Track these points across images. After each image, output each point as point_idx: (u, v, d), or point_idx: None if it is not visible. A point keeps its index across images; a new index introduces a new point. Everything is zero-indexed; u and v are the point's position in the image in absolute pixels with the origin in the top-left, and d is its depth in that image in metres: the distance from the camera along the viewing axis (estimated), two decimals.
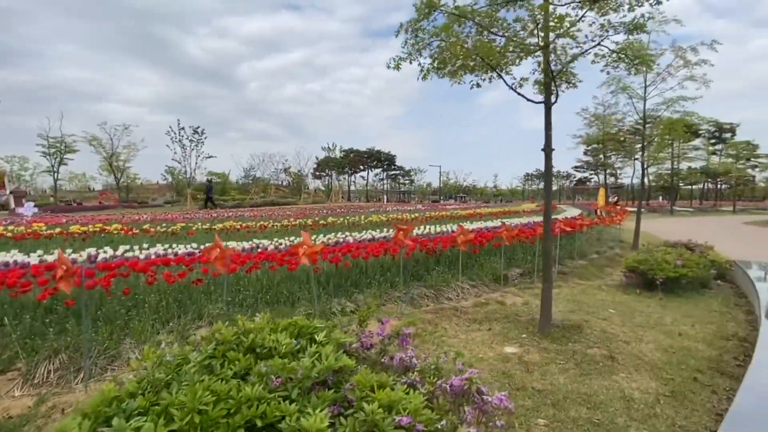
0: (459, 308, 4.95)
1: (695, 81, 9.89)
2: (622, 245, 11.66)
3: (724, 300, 5.72)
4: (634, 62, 4.28)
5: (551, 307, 4.07)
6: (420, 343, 3.77)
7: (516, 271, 7.10)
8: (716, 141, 47.57)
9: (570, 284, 6.42)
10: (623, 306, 5.23)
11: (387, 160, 69.68)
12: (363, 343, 2.65)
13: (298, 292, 4.91)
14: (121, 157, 32.18)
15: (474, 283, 6.33)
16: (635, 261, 6.24)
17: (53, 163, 27.12)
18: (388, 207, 26.40)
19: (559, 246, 8.96)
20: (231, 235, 9.92)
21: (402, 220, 14.28)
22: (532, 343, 3.77)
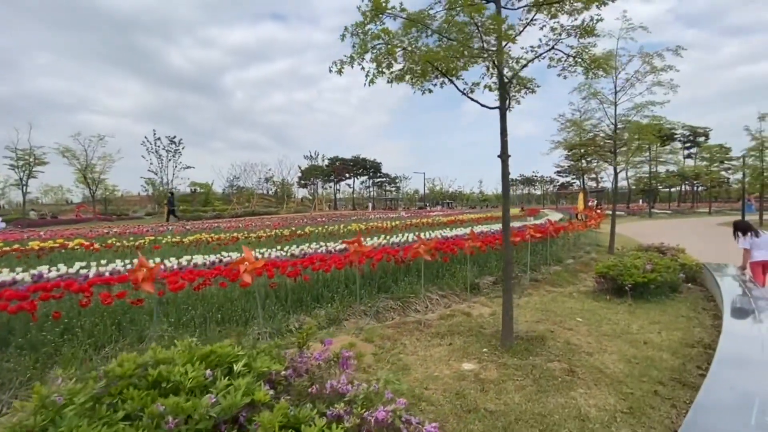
0: (423, 321, 4.76)
1: (663, 86, 10.06)
2: (599, 249, 11.70)
3: (693, 304, 5.68)
4: (591, 67, 4.22)
5: (512, 320, 3.92)
6: (375, 362, 3.57)
7: (488, 280, 6.97)
8: (691, 145, 49.01)
9: (541, 292, 6.31)
10: (591, 314, 5.12)
11: (373, 168, 69.71)
12: (296, 369, 2.44)
13: (254, 310, 4.67)
14: (96, 169, 31.30)
15: (444, 293, 6.18)
16: (605, 267, 6.18)
17: (22, 176, 26.16)
18: (371, 215, 26.21)
19: (533, 252, 8.92)
20: (200, 248, 9.58)
21: (381, 229, 14.12)
22: (492, 358, 3.60)
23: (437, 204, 73.62)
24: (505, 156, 3.84)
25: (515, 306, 5.31)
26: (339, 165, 64.22)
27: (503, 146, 3.86)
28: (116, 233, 13.07)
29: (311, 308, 4.97)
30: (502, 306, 3.92)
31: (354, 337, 4.13)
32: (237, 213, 28.92)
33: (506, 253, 3.91)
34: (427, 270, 6.60)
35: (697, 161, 42.31)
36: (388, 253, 6.10)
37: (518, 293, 6.23)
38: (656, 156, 30.73)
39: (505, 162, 3.85)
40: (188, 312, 4.22)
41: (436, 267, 6.69)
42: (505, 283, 3.94)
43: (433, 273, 6.56)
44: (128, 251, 9.08)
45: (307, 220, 20.44)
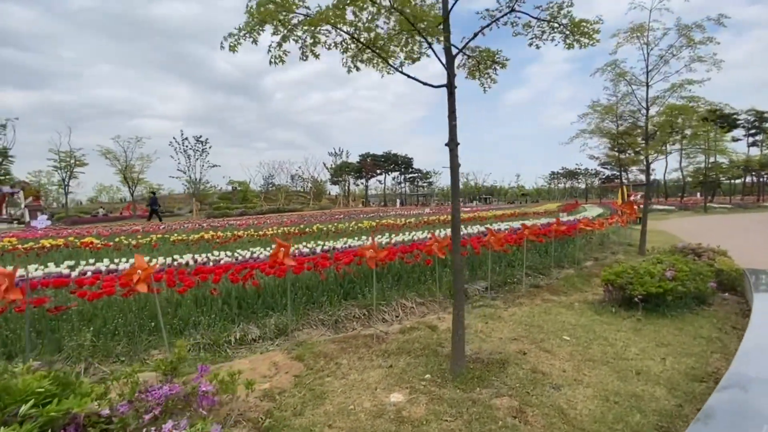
0: (380, 335, 4.19)
1: (704, 62, 8.68)
2: (630, 250, 10.44)
3: (722, 321, 4.67)
4: (572, 33, 3.44)
5: (464, 341, 3.26)
6: (292, 387, 3.07)
7: (480, 285, 6.24)
8: (756, 131, 43.91)
9: (536, 301, 5.50)
10: (585, 331, 4.30)
11: (404, 164, 68.87)
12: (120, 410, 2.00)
13: (198, 317, 4.32)
14: (135, 169, 33.14)
15: (423, 300, 5.55)
16: (614, 273, 5.26)
17: (64, 177, 28.26)
18: (392, 211, 25.66)
19: (544, 253, 8.02)
20: (191, 246, 9.52)
21: (392, 226, 13.57)
22: (429, 389, 2.98)
23: (473, 200, 71.49)
24: (453, 144, 3.18)
25: (497, 318, 4.61)
26: (369, 161, 64.02)
27: (451, 132, 3.19)
28: (125, 231, 13.48)
29: (262, 317, 4.55)
30: (452, 323, 3.27)
31: (286, 354, 3.65)
32: (262, 210, 29.46)
33: (455, 260, 3.25)
34: (411, 274, 6.01)
35: (764, 149, 37.70)
36: (360, 256, 5.55)
37: (509, 302, 5.48)
38: (713, 145, 27.60)
39: (454, 151, 3.19)
40: (114, 320, 3.93)
41: (419, 271, 6.06)
42: (455, 296, 3.28)
43: (415, 278, 5.94)
44: (126, 250, 9.19)
45: (325, 217, 20.26)
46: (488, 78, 4.01)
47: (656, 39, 9.16)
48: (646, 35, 9.18)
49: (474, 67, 3.94)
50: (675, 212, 29.43)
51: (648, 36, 9.21)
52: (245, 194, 59.94)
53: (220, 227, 14.40)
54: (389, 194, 72.27)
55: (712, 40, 8.12)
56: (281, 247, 3.72)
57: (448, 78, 3.18)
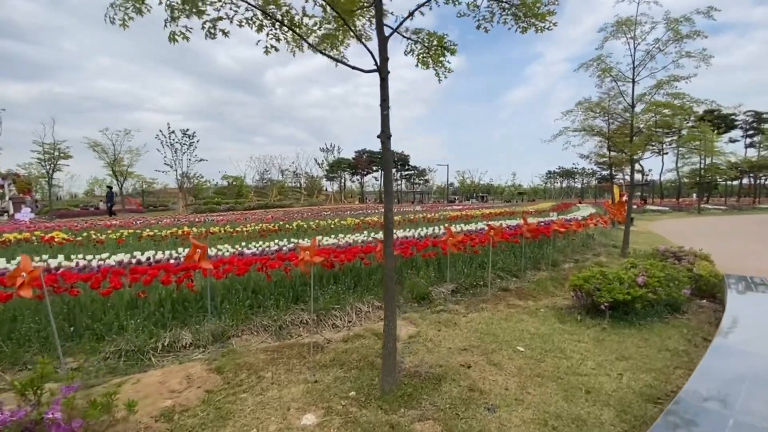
0: (320, 343, 3.88)
1: (693, 58, 8.35)
2: (613, 251, 10.13)
3: (694, 330, 4.36)
4: (526, 16, 3.12)
5: (395, 355, 2.94)
6: (200, 404, 2.75)
7: (447, 288, 5.92)
8: (755, 132, 43.65)
9: (499, 307, 5.19)
10: (543, 341, 3.99)
11: (401, 161, 68.44)
12: None
13: (126, 321, 3.99)
14: (123, 162, 32.66)
15: (383, 303, 5.22)
16: (582, 278, 4.94)
17: (48, 169, 27.77)
18: (380, 209, 25.30)
19: (521, 255, 7.71)
20: (160, 243, 9.17)
21: (375, 224, 13.24)
22: (348, 409, 2.66)
23: (470, 198, 71.09)
24: (384, 135, 2.85)
25: (452, 325, 4.30)
26: (364, 157, 63.61)
27: (384, 121, 2.86)
28: (100, 226, 13.12)
29: (197, 321, 4.23)
30: (384, 335, 2.95)
31: (206, 365, 3.33)
32: (251, 206, 29.05)
33: (386, 265, 2.92)
34: (371, 276, 5.69)
35: (761, 150, 37.46)
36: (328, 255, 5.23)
37: (471, 306, 5.16)
38: (706, 146, 27.28)
39: (386, 143, 2.86)
40: (26, 323, 3.61)
41: (381, 273, 5.74)
42: (385, 305, 2.96)
43: (376, 279, 5.62)
44: (90, 245, 8.84)
45: (312, 213, 19.92)
46: (442, 66, 3.68)
47: (644, 33, 8.84)
48: (633, 29, 8.85)
49: (424, 54, 3.61)
50: (668, 213, 29.19)
51: (635, 30, 8.88)
52: (240, 189, 59.53)
53: (198, 223, 14.04)
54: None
55: (700, 33, 7.79)
56: (197, 249, 3.39)
57: (380, 62, 2.84)
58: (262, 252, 6.32)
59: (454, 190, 77.99)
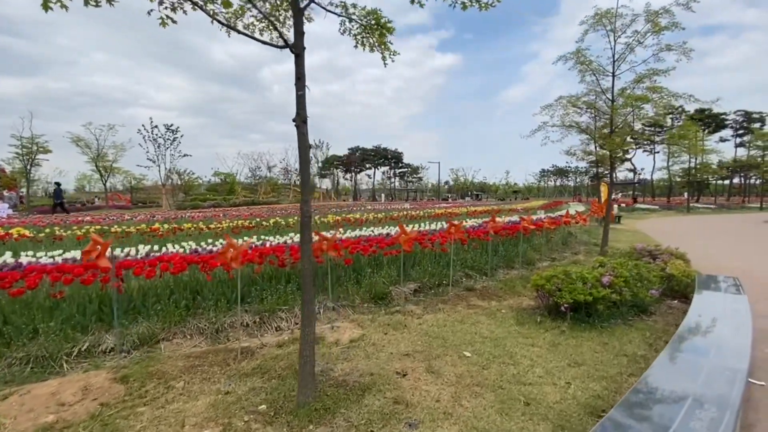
0: (251, 348, 3.58)
1: (672, 50, 8.11)
2: (594, 249, 9.91)
3: (658, 333, 4.12)
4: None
5: (313, 364, 2.65)
6: (87, 419, 2.44)
7: (409, 288, 5.64)
8: (744, 132, 43.79)
9: (458, 307, 4.92)
10: (494, 345, 3.72)
11: (394, 158, 68.18)
12: None
13: (43, 324, 3.66)
14: (108, 158, 32.03)
15: (340, 304, 4.95)
16: (543, 277, 4.68)
17: (26, 165, 27.13)
18: (370, 206, 25.03)
19: (494, 254, 7.46)
20: (122, 240, 8.81)
21: (354, 221, 12.95)
22: (251, 426, 2.37)
23: (465, 196, 70.96)
24: (299, 119, 2.55)
25: (402, 328, 4.03)
26: (358, 155, 63.24)
27: (299, 103, 2.56)
28: (71, 222, 12.71)
29: (126, 324, 3.91)
30: (300, 342, 2.66)
31: (112, 373, 3.02)
32: (236, 202, 28.61)
33: (303, 265, 2.62)
34: (327, 275, 5.39)
35: (751, 150, 37.57)
36: (275, 253, 4.93)
37: (429, 307, 4.89)
38: (696, 144, 27.24)
39: (301, 128, 2.56)
40: None
41: (339, 271, 5.45)
42: (303, 309, 2.66)
43: (333, 278, 5.32)
44: (48, 242, 8.47)
45: (295, 210, 19.55)
46: (387, 49, 3.39)
47: (624, 26, 8.59)
48: (614, 21, 8.60)
49: (362, 34, 3.30)
50: (658, 212, 29.14)
51: (615, 22, 8.63)
52: (232, 186, 58.97)
53: (173, 219, 13.66)
54: (379, 189, 71.68)
55: (678, 25, 7.54)
56: (96, 245, 3.07)
57: (294, 37, 2.53)
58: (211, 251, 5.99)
59: (449, 188, 77.89)
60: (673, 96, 7.73)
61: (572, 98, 9.52)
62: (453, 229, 5.24)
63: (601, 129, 13.41)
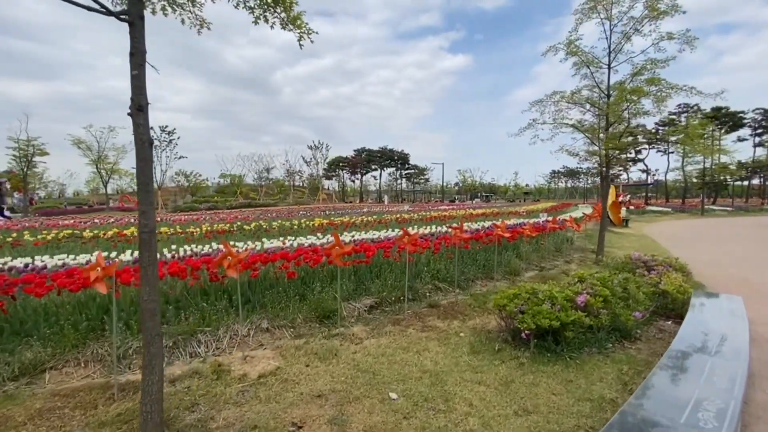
0: (134, 384, 3.01)
1: (674, 39, 7.35)
2: (590, 257, 9.14)
3: (638, 366, 3.43)
4: None
5: (158, 422, 2.06)
6: None
7: (365, 303, 5.03)
8: (763, 131, 41.97)
9: (409, 330, 4.28)
10: (432, 382, 3.08)
11: (401, 159, 67.47)
12: None
13: None
14: (109, 160, 32.13)
15: (283, 323, 4.35)
16: (506, 297, 4.01)
17: (23, 167, 27.30)
18: (366, 208, 24.47)
19: (472, 261, 6.80)
20: (82, 245, 8.39)
21: (339, 225, 12.38)
22: None
23: (474, 197, 69.76)
24: (135, 106, 1.97)
25: (329, 358, 3.44)
26: (363, 156, 62.78)
27: (135, 87, 1.98)
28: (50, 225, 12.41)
29: (11, 349, 3.39)
30: (141, 391, 2.08)
31: None
32: (232, 205, 28.36)
33: (144, 296, 2.03)
34: (273, 289, 4.81)
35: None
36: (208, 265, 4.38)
37: (377, 329, 4.27)
38: (713, 144, 25.97)
39: (137, 119, 1.98)
40: None
41: (281, 287, 4.86)
42: (144, 353, 2.07)
43: (275, 294, 4.73)
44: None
45: (286, 213, 19.11)
46: (299, 27, 2.82)
47: (621, 14, 7.85)
48: (609, 8, 7.87)
49: (261, 7, 2.73)
50: (670, 214, 27.89)
51: (611, 10, 7.90)
52: (238, 188, 59.15)
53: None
54: (386, 190, 71.13)
55: (678, 8, 6.78)
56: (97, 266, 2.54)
57: (129, 3, 1.96)
58: None
59: (458, 190, 76.85)
60: (673, 88, 6.96)
61: (565, 94, 8.79)
62: (407, 239, 4.60)
63: (604, 128, 12.60)
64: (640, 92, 6.97)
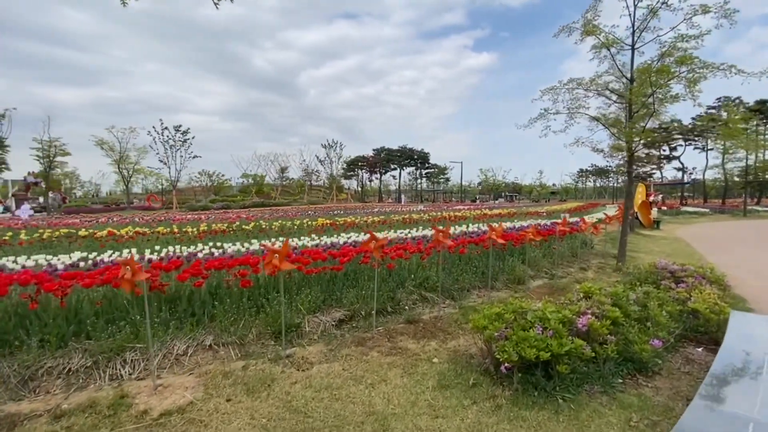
0: (12, 420, 2.48)
1: (710, 13, 6.31)
2: (611, 264, 8.15)
3: (655, 413, 2.62)
4: None
5: None
6: None
7: (333, 317, 4.39)
8: None
9: (372, 353, 3.59)
10: (371, 430, 2.40)
11: (420, 158, 66.46)
12: None
13: None
14: (131, 160, 32.87)
15: (231, 340, 3.78)
16: (487, 316, 3.26)
17: (46, 167, 28.22)
18: (376, 208, 23.84)
19: (469, 268, 6.06)
20: (72, 245, 8.15)
21: (340, 225, 11.82)
22: None
23: (498, 197, 67.80)
24: None
25: (262, 389, 2.84)
26: (383, 155, 62.20)
27: None
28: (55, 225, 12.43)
29: None
30: None
31: None
32: (245, 204, 28.36)
33: None
34: (229, 300, 4.24)
35: None
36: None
37: (335, 350, 3.61)
38: (752, 139, 23.78)
39: None
40: None
41: (237, 296, 4.28)
42: None
43: (227, 307, 4.15)
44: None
45: (292, 213, 18.74)
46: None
47: None
48: None
49: None
50: (707, 216, 25.81)
51: None
52: (260, 188, 59.93)
53: (156, 221, 13.13)
54: (406, 190, 70.37)
55: None
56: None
57: None
58: None
59: (481, 189, 75.07)
60: (707, 67, 5.93)
61: (582, 80, 7.83)
62: (373, 244, 3.91)
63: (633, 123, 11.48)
64: (666, 72, 5.98)
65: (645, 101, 6.67)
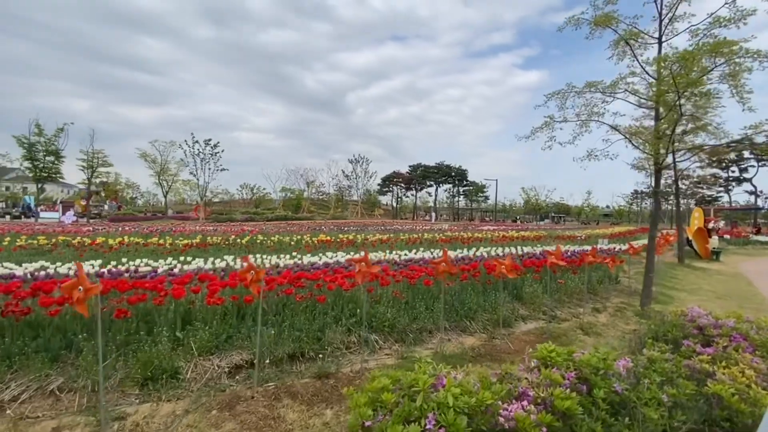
0: None
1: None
2: (632, 305, 6.60)
3: None
4: None
5: None
6: None
7: (230, 360, 3.55)
8: None
9: (230, 424, 2.68)
10: None
11: (458, 176, 64.81)
12: None
13: None
14: (171, 171, 34.57)
15: (83, 384, 3.07)
16: (367, 393, 2.25)
17: (89, 176, 30.32)
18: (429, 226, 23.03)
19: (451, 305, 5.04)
20: None
21: (327, 243, 11.07)
22: None
23: (544, 218, 63.94)
24: None
25: None
26: (419, 172, 61.38)
27: None
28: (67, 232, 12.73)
29: None
30: None
31: None
32: (268, 217, 28.53)
33: None
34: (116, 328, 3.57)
35: None
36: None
37: (181, 421, 2.75)
38: None
39: None
40: None
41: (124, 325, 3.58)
42: None
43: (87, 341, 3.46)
44: None
45: (310, 228, 18.28)
46: None
47: None
48: None
49: None
50: None
51: None
52: (299, 202, 61.44)
53: (174, 233, 13.15)
54: (443, 208, 68.84)
55: None
56: None
57: None
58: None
59: (526, 210, 71.66)
60: (752, 55, 4.55)
61: (603, 83, 6.58)
62: (251, 274, 3.03)
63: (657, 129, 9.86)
64: (690, 57, 4.62)
65: (674, 102, 5.31)
